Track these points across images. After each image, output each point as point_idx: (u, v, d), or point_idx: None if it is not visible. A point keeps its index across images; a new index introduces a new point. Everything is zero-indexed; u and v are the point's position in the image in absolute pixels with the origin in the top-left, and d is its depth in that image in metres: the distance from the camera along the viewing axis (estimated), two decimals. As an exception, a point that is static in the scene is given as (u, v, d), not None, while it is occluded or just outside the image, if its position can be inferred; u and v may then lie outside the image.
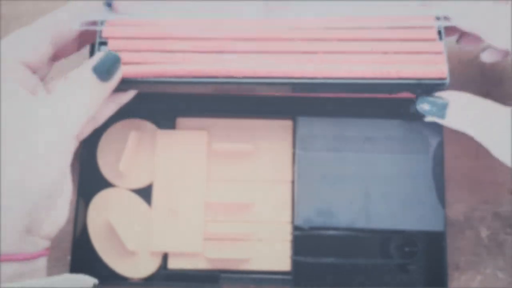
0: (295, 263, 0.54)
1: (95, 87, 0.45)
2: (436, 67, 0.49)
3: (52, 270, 0.57)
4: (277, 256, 0.55)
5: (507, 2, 0.49)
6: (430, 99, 0.50)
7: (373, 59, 0.49)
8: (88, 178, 0.56)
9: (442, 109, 0.49)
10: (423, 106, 0.51)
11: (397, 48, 0.50)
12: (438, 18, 0.50)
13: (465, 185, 0.59)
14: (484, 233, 0.58)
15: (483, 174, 0.55)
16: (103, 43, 0.50)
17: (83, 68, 0.46)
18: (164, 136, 0.57)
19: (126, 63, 0.49)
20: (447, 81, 0.49)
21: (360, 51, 0.49)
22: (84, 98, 0.45)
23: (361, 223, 0.54)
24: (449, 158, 0.58)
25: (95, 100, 0.45)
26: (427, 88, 0.50)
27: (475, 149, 0.59)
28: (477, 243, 0.58)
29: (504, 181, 0.59)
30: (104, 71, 0.46)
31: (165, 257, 0.55)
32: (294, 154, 0.56)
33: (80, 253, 0.54)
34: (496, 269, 0.57)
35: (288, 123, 0.58)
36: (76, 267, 0.54)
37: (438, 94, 0.51)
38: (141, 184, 0.56)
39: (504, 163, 0.47)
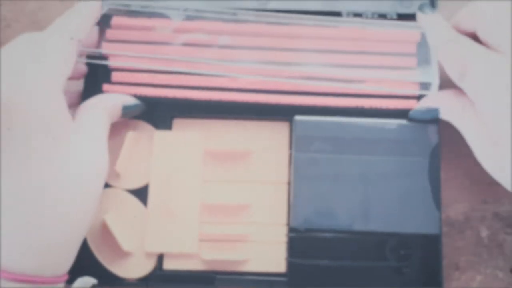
0: (290, 265, 0.54)
1: (114, 118, 0.53)
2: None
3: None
4: (272, 257, 0.55)
5: None
6: (422, 109, 0.55)
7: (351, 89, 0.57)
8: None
9: (434, 114, 0.54)
10: (416, 115, 0.55)
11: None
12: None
13: (465, 185, 0.59)
14: (484, 233, 0.58)
15: (483, 174, 0.54)
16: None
17: (114, 98, 0.53)
18: (161, 137, 0.57)
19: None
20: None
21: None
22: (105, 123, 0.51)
23: (357, 226, 0.54)
24: (449, 158, 0.58)
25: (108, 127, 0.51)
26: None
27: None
28: (477, 243, 0.58)
29: (504, 181, 0.59)
30: (130, 114, 0.55)
31: (160, 258, 0.55)
32: (290, 156, 0.56)
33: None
34: (496, 269, 0.57)
35: (285, 125, 0.58)
36: (71, 267, 0.54)
37: (427, 96, 0.55)
38: (137, 184, 0.56)
39: (482, 165, 0.50)
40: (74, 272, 0.53)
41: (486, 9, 0.49)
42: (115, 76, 0.57)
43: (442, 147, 0.55)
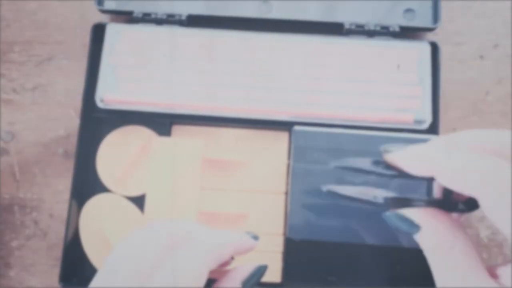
0: (285, 275, 0.54)
1: None
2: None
3: (52, 269, 0.58)
4: (268, 267, 0.55)
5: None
6: (401, 217, 0.42)
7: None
8: (84, 181, 0.57)
9: (414, 229, 0.41)
10: (392, 222, 0.43)
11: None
12: None
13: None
14: (483, 233, 0.58)
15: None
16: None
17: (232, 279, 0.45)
18: (160, 143, 0.56)
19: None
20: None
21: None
22: None
23: (353, 238, 0.54)
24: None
25: None
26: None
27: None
28: (477, 243, 0.58)
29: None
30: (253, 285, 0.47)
31: (156, 265, 0.55)
32: (289, 166, 0.56)
33: (71, 257, 0.55)
34: (496, 269, 0.57)
35: (284, 134, 0.58)
36: (66, 271, 0.54)
37: (411, 211, 0.42)
38: (137, 192, 0.57)
39: None
40: (70, 277, 0.54)
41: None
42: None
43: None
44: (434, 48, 0.57)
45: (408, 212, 0.41)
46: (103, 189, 0.57)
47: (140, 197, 0.56)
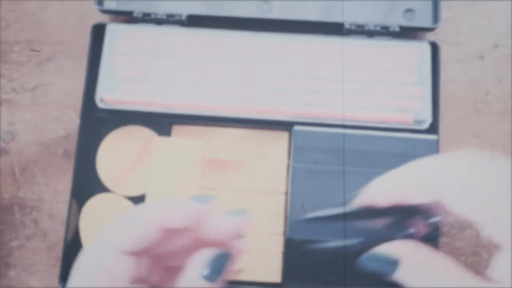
0: (285, 275, 0.54)
1: None
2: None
3: (52, 269, 0.58)
4: (268, 268, 0.55)
5: None
6: (377, 255, 0.39)
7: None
8: (84, 181, 0.57)
9: (391, 268, 0.38)
10: (368, 263, 0.40)
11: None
12: None
13: (465, 185, 0.59)
14: (484, 232, 0.58)
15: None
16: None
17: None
18: (160, 143, 0.57)
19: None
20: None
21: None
22: None
23: (353, 238, 0.54)
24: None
25: None
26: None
27: (475, 149, 0.58)
28: (477, 243, 0.58)
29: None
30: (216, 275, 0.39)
31: (156, 265, 0.55)
32: (289, 166, 0.56)
33: (71, 257, 0.54)
34: (496, 269, 0.57)
35: (284, 134, 0.58)
36: (66, 271, 0.54)
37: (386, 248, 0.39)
38: (137, 192, 0.57)
39: None
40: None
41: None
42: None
43: (442, 146, 0.55)
44: (434, 48, 0.57)
45: (385, 249, 0.39)
46: (103, 189, 0.57)
47: (140, 197, 0.56)
